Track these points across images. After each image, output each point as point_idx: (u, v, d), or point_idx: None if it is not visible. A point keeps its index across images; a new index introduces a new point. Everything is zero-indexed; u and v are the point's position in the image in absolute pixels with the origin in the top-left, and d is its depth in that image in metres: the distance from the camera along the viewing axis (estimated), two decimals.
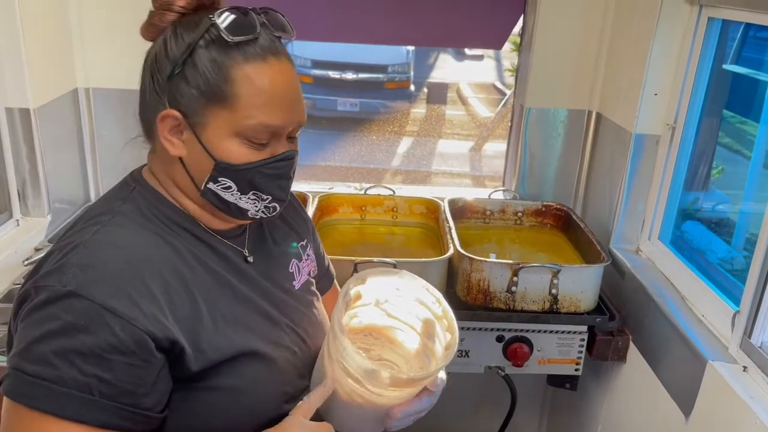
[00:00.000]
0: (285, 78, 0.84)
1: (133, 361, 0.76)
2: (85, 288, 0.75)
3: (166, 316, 0.80)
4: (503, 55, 11.40)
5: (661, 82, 1.71)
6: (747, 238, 4.93)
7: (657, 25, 1.67)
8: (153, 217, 0.88)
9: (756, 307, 1.35)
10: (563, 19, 1.93)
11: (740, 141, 4.88)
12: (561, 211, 2.02)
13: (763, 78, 4.69)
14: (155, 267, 0.82)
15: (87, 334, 0.74)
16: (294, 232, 1.09)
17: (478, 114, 9.62)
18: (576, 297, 1.65)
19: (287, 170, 0.90)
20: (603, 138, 1.98)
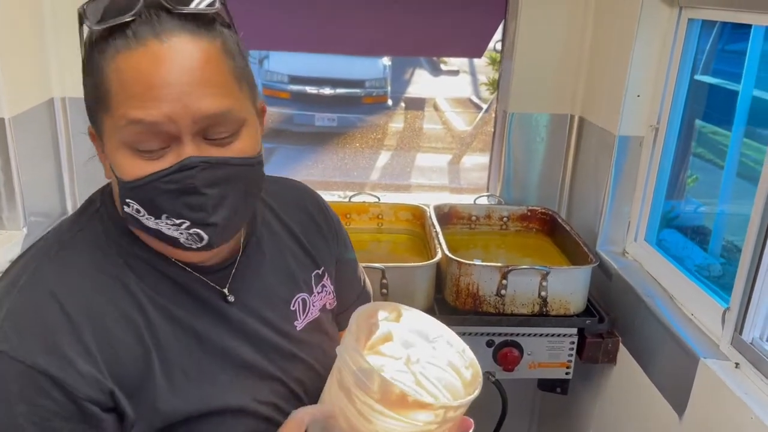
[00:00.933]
0: (167, 61, 0.66)
1: (78, 428, 0.69)
2: (16, 348, 0.67)
3: (105, 376, 0.70)
4: (479, 70, 11.53)
5: (643, 83, 1.73)
6: (723, 245, 4.99)
7: (638, 28, 1.68)
8: (109, 249, 0.76)
9: (746, 303, 1.35)
10: (544, 24, 1.94)
11: (713, 150, 4.95)
12: (546, 215, 2.01)
13: (733, 88, 4.77)
14: (98, 318, 0.71)
15: (24, 403, 0.66)
16: (309, 258, 0.93)
17: (455, 128, 9.68)
18: (565, 299, 1.64)
19: (190, 183, 0.69)
20: (586, 141, 1.98)
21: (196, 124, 0.68)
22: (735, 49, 5.26)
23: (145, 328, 0.74)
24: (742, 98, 4.47)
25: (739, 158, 5.02)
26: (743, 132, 4.81)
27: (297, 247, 0.92)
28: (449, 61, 12.50)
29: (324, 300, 0.94)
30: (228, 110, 0.70)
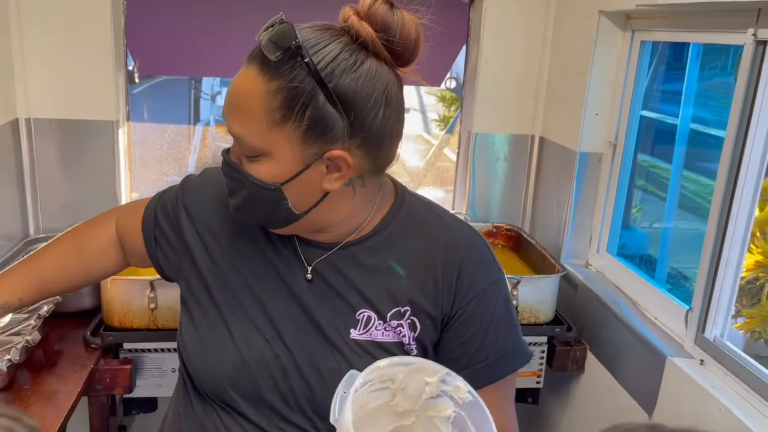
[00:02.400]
0: (234, 84, 0.83)
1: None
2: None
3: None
4: (429, 108, 11.78)
5: (600, 102, 1.82)
6: (668, 272, 5.19)
7: (594, 51, 1.78)
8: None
9: (707, 303, 1.42)
10: (505, 49, 2.04)
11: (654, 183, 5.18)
12: (511, 231, 2.08)
13: (671, 122, 5.03)
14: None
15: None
16: (400, 290, 0.91)
17: (407, 163, 9.84)
18: (535, 308, 1.69)
19: (222, 168, 0.88)
20: (547, 159, 2.07)
21: (237, 141, 0.84)
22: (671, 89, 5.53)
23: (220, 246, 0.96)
24: (680, 133, 4.71)
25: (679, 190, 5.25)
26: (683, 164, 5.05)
27: (393, 278, 0.92)
28: None
29: (394, 337, 0.92)
30: (242, 137, 0.82)
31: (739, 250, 1.38)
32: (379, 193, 0.93)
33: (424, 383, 0.79)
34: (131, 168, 2.11)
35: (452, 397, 0.79)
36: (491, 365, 0.93)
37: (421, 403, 0.80)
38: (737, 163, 1.35)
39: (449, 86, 3.98)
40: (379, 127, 0.82)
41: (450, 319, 0.92)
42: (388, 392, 0.80)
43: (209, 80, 7.76)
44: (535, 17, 2.02)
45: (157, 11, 2.00)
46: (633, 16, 1.73)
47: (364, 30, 0.79)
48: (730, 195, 1.36)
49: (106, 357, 1.58)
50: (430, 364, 0.80)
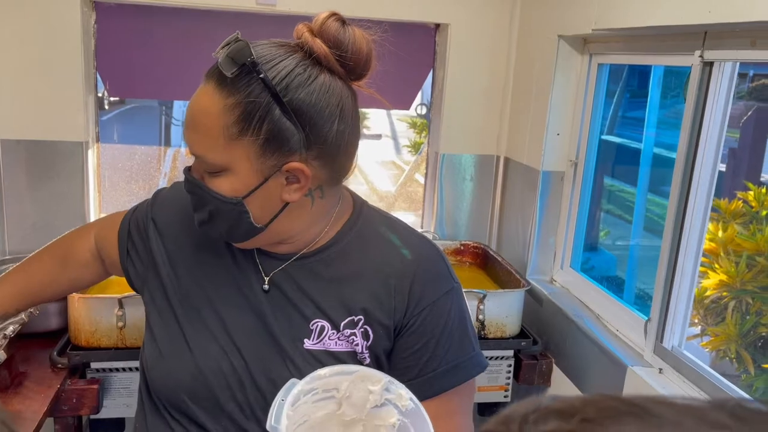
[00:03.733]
0: (192, 103, 0.85)
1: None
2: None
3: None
4: (400, 134, 11.91)
5: (562, 122, 1.89)
6: (635, 293, 5.27)
7: (554, 74, 1.85)
8: None
9: (664, 314, 1.47)
10: (470, 71, 2.10)
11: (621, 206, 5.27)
12: (478, 248, 2.12)
13: (635, 146, 5.14)
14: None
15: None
16: (353, 300, 0.93)
17: (379, 188, 9.90)
18: (501, 322, 1.72)
19: (185, 184, 0.91)
20: (512, 179, 2.12)
21: (195, 157, 0.86)
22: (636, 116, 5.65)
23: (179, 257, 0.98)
24: (644, 156, 4.83)
25: (644, 213, 5.34)
26: (647, 188, 5.16)
27: (346, 288, 0.93)
28: (372, 126, 12.83)
29: (347, 347, 0.93)
30: (202, 154, 0.85)
31: (693, 262, 1.44)
32: (338, 205, 0.96)
33: (368, 392, 0.79)
34: (100, 189, 2.11)
35: (396, 405, 0.80)
36: (443, 375, 0.93)
37: (366, 411, 0.81)
38: (688, 179, 1.41)
39: (420, 112, 4.06)
40: (334, 138, 0.85)
41: (402, 328, 0.93)
42: (334, 401, 0.80)
43: (180, 106, 7.76)
44: (499, 42, 2.09)
45: (128, 35, 2.02)
46: (590, 40, 1.80)
47: (318, 46, 0.83)
48: (683, 210, 1.42)
49: (73, 377, 1.57)
50: (373, 372, 0.81)
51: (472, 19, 2.07)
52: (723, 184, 5.54)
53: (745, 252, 4.16)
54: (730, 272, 4.08)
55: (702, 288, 3.92)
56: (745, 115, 5.96)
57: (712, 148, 1.38)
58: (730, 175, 5.80)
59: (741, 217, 4.46)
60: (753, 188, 4.37)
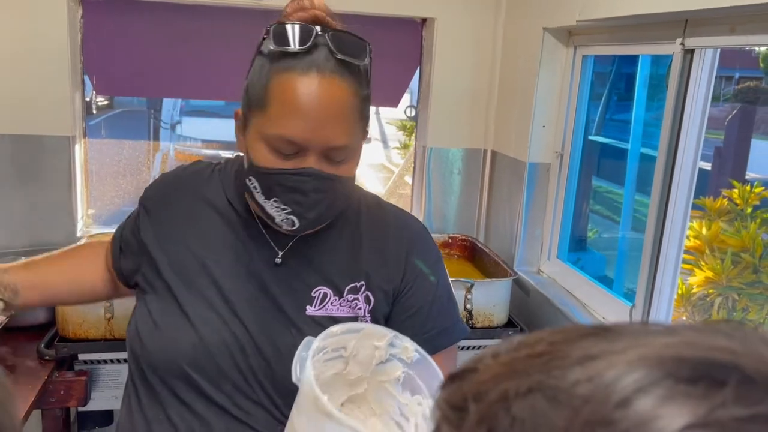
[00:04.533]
0: (320, 95, 0.83)
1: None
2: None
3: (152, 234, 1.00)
4: (390, 137, 11.94)
5: (547, 115, 1.91)
6: (624, 292, 5.33)
7: (540, 67, 1.87)
8: (215, 184, 1.01)
9: (649, 300, 1.49)
10: (456, 65, 2.12)
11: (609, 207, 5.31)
12: (466, 241, 2.13)
13: (622, 146, 5.19)
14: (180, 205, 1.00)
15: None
16: (357, 266, 0.97)
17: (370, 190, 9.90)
18: (489, 311, 1.73)
19: (302, 185, 0.86)
20: (499, 172, 2.14)
21: (323, 148, 0.86)
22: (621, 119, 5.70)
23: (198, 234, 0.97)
24: (631, 157, 4.87)
25: (632, 213, 5.39)
26: (635, 188, 5.21)
27: (350, 256, 0.98)
28: None
29: (350, 312, 0.96)
30: (348, 145, 0.87)
31: (677, 245, 1.46)
32: None
33: (374, 348, 0.82)
34: (88, 185, 2.11)
35: (401, 359, 0.83)
36: (435, 337, 0.99)
37: (371, 369, 0.84)
38: (671, 166, 1.43)
39: (409, 115, 4.07)
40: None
41: (399, 294, 0.99)
42: (341, 361, 0.83)
43: (168, 109, 7.75)
44: (485, 35, 2.11)
45: (115, 30, 2.02)
46: (575, 32, 1.83)
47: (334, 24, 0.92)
48: (666, 196, 1.44)
49: (61, 369, 1.56)
50: (379, 328, 0.84)
51: (458, 13, 2.08)
52: (708, 183, 5.60)
53: (730, 249, 4.20)
54: (716, 269, 4.12)
55: (689, 285, 3.95)
56: (730, 115, 6.04)
57: (694, 134, 1.41)
58: (715, 174, 5.87)
59: (726, 215, 4.50)
60: (738, 186, 4.42)
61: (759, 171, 5.94)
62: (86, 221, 2.07)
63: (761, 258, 4.23)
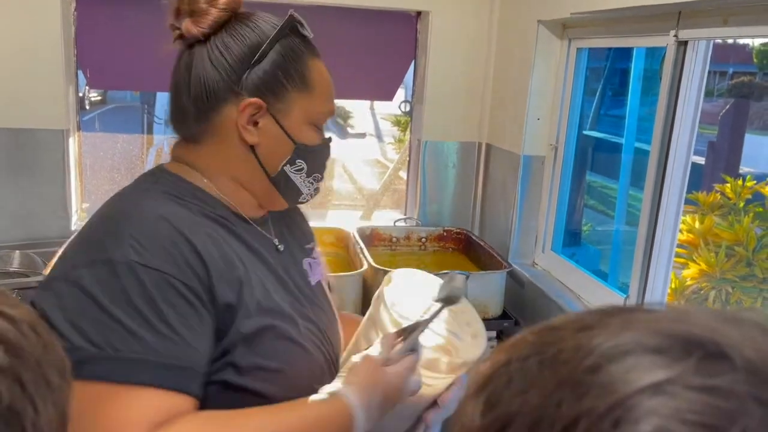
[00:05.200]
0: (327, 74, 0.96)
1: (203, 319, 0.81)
2: (149, 260, 0.79)
3: (212, 283, 0.82)
4: (384, 132, 11.93)
5: (542, 107, 1.91)
6: (619, 287, 5.29)
7: (534, 60, 1.88)
8: (184, 203, 0.88)
9: (642, 292, 1.50)
10: (451, 58, 2.12)
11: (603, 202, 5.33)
12: (461, 234, 2.14)
13: (617, 141, 5.21)
14: (202, 235, 0.84)
15: (164, 304, 0.78)
16: (305, 232, 1.08)
17: (365, 187, 9.91)
18: (484, 303, 1.74)
19: (330, 152, 0.98)
20: (494, 164, 2.15)
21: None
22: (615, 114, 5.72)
23: (236, 256, 0.87)
24: (625, 151, 4.89)
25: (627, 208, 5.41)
26: (629, 183, 5.23)
27: (297, 219, 1.08)
28: (356, 125, 12.86)
29: (321, 270, 1.06)
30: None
31: (670, 234, 1.47)
32: None
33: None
34: (82, 178, 2.10)
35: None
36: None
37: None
38: (664, 157, 1.44)
39: (404, 110, 4.10)
40: None
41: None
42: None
43: (162, 104, 7.73)
44: (479, 28, 2.11)
45: (109, 23, 2.02)
46: (569, 25, 1.83)
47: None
48: (659, 187, 1.45)
49: None
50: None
51: (452, 6, 2.09)
52: (702, 178, 5.63)
53: (724, 242, 4.22)
54: (709, 262, 4.14)
55: (683, 278, 3.97)
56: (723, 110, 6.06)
57: (688, 126, 1.41)
58: (709, 169, 5.89)
59: (719, 209, 4.52)
60: (730, 181, 4.43)
61: (753, 165, 5.97)
62: (80, 215, 2.07)
63: (754, 251, 4.25)
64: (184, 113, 0.91)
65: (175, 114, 0.93)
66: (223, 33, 0.89)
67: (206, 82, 0.88)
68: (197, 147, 0.92)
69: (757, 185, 4.47)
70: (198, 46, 0.90)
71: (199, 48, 0.90)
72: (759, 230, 4.27)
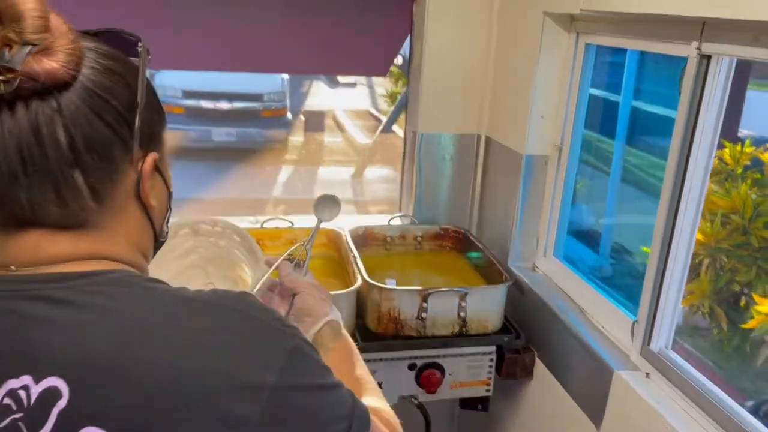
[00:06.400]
0: None
1: None
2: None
3: None
4: (376, 82, 11.66)
5: (546, 105, 1.79)
6: (612, 246, 5.27)
7: (540, 53, 1.74)
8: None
9: (653, 316, 1.42)
10: (449, 46, 1.98)
11: (599, 157, 5.27)
12: (459, 233, 2.05)
13: (614, 99, 5.09)
14: None
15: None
16: None
17: (356, 140, 9.72)
18: (483, 318, 1.67)
19: None
20: (493, 160, 2.04)
21: None
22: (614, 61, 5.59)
23: None
24: (622, 109, 4.78)
25: (622, 165, 5.34)
26: (625, 140, 5.14)
27: None
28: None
29: None
30: None
31: (682, 265, 1.38)
32: None
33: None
34: None
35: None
36: None
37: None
38: (680, 183, 1.34)
39: (396, 62, 3.96)
40: None
41: None
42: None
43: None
44: (480, 15, 1.96)
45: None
46: (578, 18, 1.69)
47: None
48: (674, 213, 1.35)
49: None
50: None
51: None
52: None
53: (720, 210, 4.16)
54: (705, 231, 4.08)
55: None
56: None
57: (707, 148, 1.31)
58: None
59: (716, 175, 4.44)
60: (728, 146, 4.34)
61: (753, 128, 5.86)
62: None
63: (751, 220, 4.20)
64: (73, 192, 0.66)
65: (47, 198, 0.65)
66: (87, 69, 0.66)
67: (96, 143, 0.66)
68: (96, 233, 0.69)
69: (756, 151, 4.38)
70: (58, 95, 0.64)
71: (66, 96, 0.64)
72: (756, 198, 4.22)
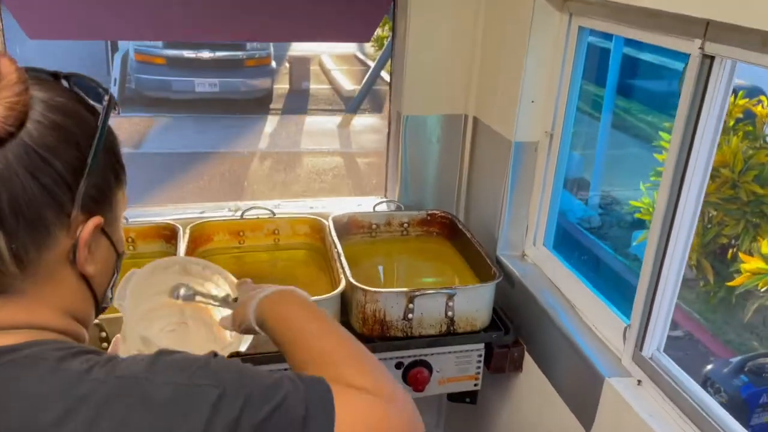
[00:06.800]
0: None
1: None
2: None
3: None
4: None
5: (537, 89, 1.70)
6: (600, 196, 5.22)
7: (530, 35, 1.64)
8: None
9: (646, 321, 1.38)
10: (434, 24, 1.87)
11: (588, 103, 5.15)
12: (446, 219, 1.98)
13: (605, 46, 4.94)
14: None
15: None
16: None
17: (343, 87, 9.50)
18: (472, 316, 1.62)
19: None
20: (481, 143, 1.95)
21: None
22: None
23: None
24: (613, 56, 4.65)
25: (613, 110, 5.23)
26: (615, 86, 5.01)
27: None
28: None
29: None
30: None
31: (677, 270, 1.33)
32: None
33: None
34: None
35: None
36: None
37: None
38: (680, 179, 1.27)
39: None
40: None
41: None
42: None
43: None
44: None
45: None
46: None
47: None
48: (671, 216, 1.29)
49: None
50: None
51: None
52: None
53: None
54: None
55: None
56: None
57: (707, 149, 1.24)
58: None
59: None
60: None
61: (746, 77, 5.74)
62: None
63: (741, 173, 4.15)
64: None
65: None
66: (31, 124, 0.60)
67: (24, 206, 0.60)
68: (20, 300, 0.65)
69: (748, 102, 4.29)
70: None
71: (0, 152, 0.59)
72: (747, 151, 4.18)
